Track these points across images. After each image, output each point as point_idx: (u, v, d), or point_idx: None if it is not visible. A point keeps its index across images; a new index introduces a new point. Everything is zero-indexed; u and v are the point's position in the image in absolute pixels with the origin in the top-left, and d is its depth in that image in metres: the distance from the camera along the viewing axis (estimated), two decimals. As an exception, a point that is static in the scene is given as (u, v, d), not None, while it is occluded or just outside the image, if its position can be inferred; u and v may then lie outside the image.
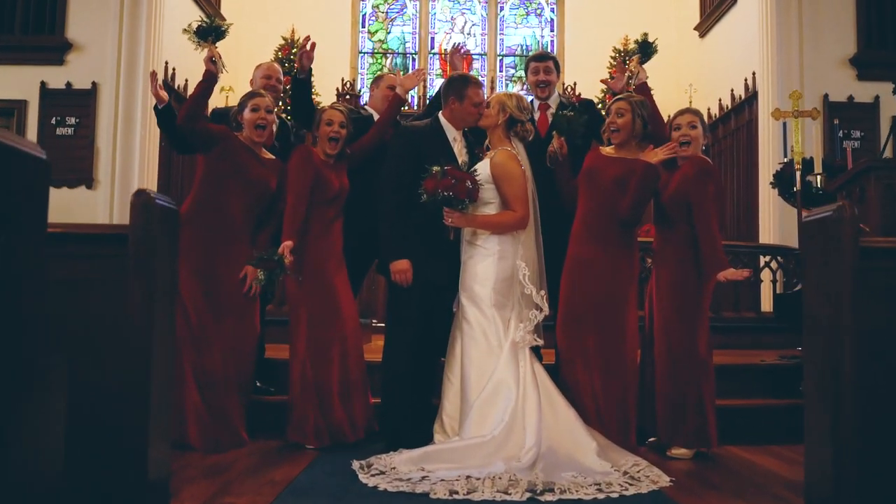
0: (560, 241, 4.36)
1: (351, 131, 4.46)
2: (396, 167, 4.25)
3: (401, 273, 4.17)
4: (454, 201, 3.97)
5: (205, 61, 4.33)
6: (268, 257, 4.04)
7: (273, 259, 4.03)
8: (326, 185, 4.32)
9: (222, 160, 4.27)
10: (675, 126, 4.24)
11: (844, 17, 8.75)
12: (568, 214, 4.40)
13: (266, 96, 4.43)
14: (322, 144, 4.40)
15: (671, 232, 4.20)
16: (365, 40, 12.50)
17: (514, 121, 4.23)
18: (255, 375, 4.64)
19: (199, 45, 4.37)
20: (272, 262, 4.03)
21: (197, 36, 4.37)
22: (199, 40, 4.37)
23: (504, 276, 4.09)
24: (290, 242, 4.12)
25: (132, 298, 2.05)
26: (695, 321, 4.10)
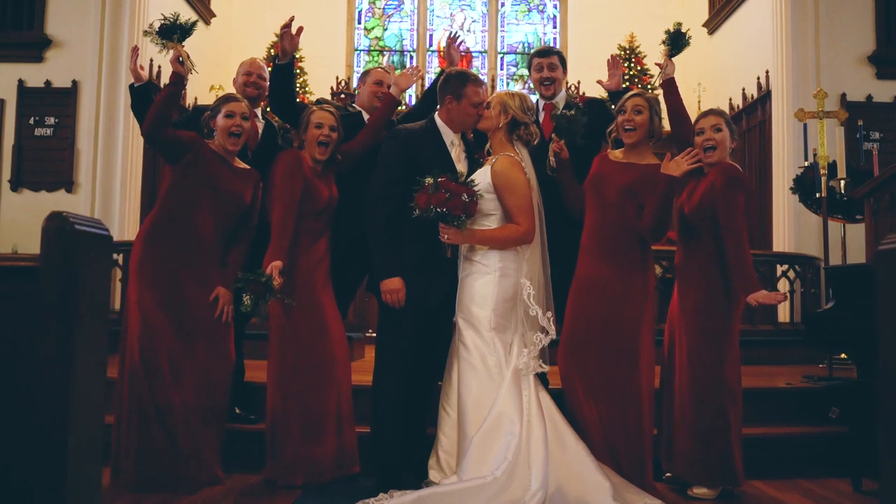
0: (569, 255, 3.96)
1: (342, 135, 4.06)
2: (388, 175, 3.83)
3: (392, 293, 3.76)
4: (449, 217, 3.57)
5: (171, 63, 3.90)
6: (254, 279, 3.62)
7: (260, 281, 3.61)
8: (315, 196, 3.92)
9: (191, 171, 3.84)
10: (698, 130, 3.83)
11: (862, 12, 8.37)
12: (578, 225, 4.00)
13: (242, 101, 4.01)
14: (310, 149, 3.99)
15: (696, 247, 3.79)
16: (361, 37, 12.10)
17: (518, 123, 3.82)
18: (233, 401, 4.23)
19: (164, 45, 3.92)
20: (259, 285, 3.61)
21: (160, 35, 3.92)
22: (162, 40, 3.92)
23: (506, 297, 3.69)
24: (280, 262, 3.71)
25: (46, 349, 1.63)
26: (723, 346, 3.69)
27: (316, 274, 3.89)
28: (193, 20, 4.07)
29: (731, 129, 3.82)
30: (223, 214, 3.88)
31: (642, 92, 3.98)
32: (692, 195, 3.79)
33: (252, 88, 4.61)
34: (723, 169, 3.72)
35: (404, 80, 4.34)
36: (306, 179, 3.89)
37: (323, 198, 3.93)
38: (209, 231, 3.84)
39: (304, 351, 3.84)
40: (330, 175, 4.05)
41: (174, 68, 3.88)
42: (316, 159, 3.97)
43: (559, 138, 4.00)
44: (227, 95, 4.07)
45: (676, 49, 4.12)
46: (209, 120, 3.96)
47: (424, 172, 3.63)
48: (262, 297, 3.60)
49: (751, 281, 3.58)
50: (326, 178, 4.01)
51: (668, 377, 3.88)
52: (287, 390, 3.82)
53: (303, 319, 3.84)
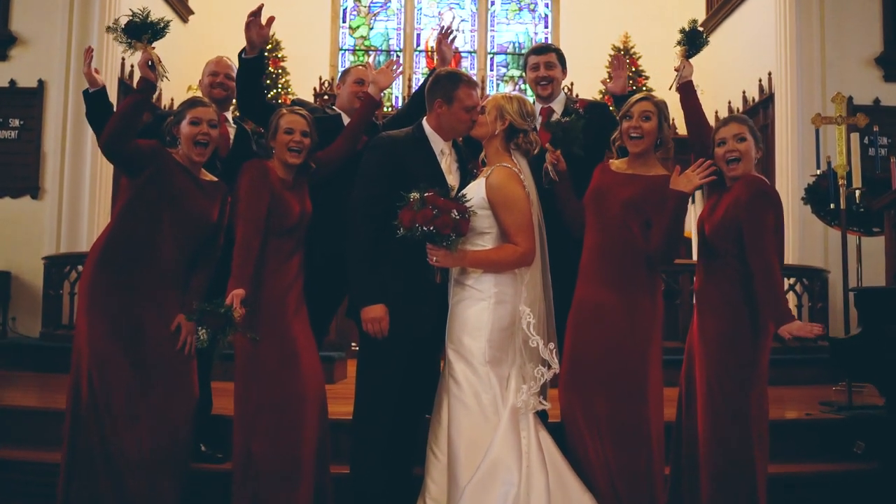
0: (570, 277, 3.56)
1: (316, 141, 3.63)
2: (369, 189, 3.40)
3: (374, 322, 3.33)
4: (437, 237, 3.15)
5: (139, 66, 3.42)
6: (211, 310, 3.18)
7: (218, 312, 3.17)
8: (284, 211, 3.48)
9: (151, 185, 3.39)
10: (720, 140, 3.42)
11: (869, 12, 8.03)
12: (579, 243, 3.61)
13: (210, 106, 3.56)
14: (280, 157, 3.56)
15: (718, 270, 3.38)
16: (346, 36, 11.67)
17: (516, 130, 3.41)
18: (199, 438, 3.81)
19: (131, 45, 3.45)
20: (217, 317, 3.16)
21: (126, 34, 3.45)
22: (129, 40, 3.45)
23: (502, 326, 3.29)
24: (241, 291, 3.27)
25: None
26: (749, 381, 3.28)
27: (287, 299, 3.46)
28: (167, 19, 3.57)
29: (755, 137, 3.42)
30: (187, 234, 3.44)
31: (650, 95, 3.59)
32: (713, 212, 3.39)
33: (219, 90, 4.19)
34: (748, 183, 3.32)
35: (383, 77, 3.88)
36: (274, 193, 3.46)
37: (294, 213, 3.51)
38: (170, 253, 3.40)
39: (270, 387, 3.40)
40: (303, 187, 3.63)
41: (142, 73, 3.42)
42: (287, 165, 3.54)
43: (555, 148, 3.60)
44: (193, 99, 3.61)
45: (694, 49, 3.73)
46: (172, 127, 3.50)
47: (411, 186, 3.22)
48: (220, 331, 3.16)
49: (782, 310, 3.18)
50: (298, 190, 3.59)
51: (688, 413, 3.47)
52: (252, 429, 3.39)
53: (270, 352, 3.40)
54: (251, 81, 3.93)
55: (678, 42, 3.73)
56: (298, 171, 3.60)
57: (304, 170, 3.63)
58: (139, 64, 3.42)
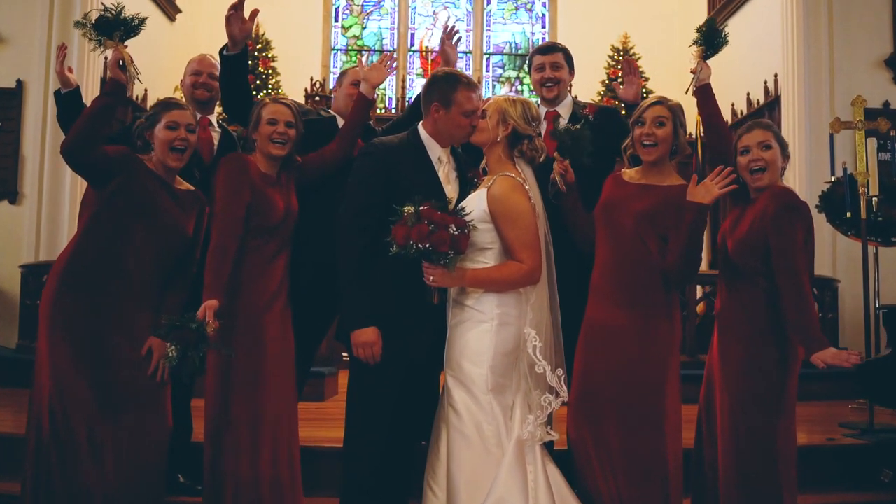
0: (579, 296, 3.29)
1: (301, 132, 3.36)
2: (360, 200, 3.11)
3: (366, 347, 3.05)
4: (433, 254, 2.87)
5: (109, 66, 3.13)
6: (181, 325, 2.89)
7: (189, 328, 2.88)
8: (267, 209, 3.22)
9: (120, 196, 3.09)
10: (743, 148, 3.14)
11: (878, 13, 7.75)
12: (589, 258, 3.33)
13: (187, 109, 3.27)
14: (263, 148, 3.29)
15: (742, 289, 3.10)
16: (338, 36, 11.37)
17: (520, 136, 3.13)
18: (177, 468, 3.53)
19: (101, 43, 3.15)
20: (187, 333, 2.88)
21: (97, 31, 3.14)
22: (99, 37, 3.14)
23: (505, 350, 3.01)
24: (215, 302, 3.00)
25: None
26: (776, 411, 3.01)
27: (267, 310, 3.19)
28: (143, 16, 3.26)
29: (782, 144, 3.15)
30: (160, 250, 3.14)
31: (664, 99, 3.31)
32: (736, 226, 3.12)
33: (202, 91, 3.91)
34: (775, 194, 3.05)
35: (375, 73, 3.60)
36: (255, 189, 3.19)
37: (277, 211, 3.23)
38: (142, 271, 3.10)
39: (247, 406, 3.15)
40: (289, 183, 3.36)
41: (112, 74, 3.12)
42: (271, 157, 3.28)
43: (563, 157, 3.32)
44: (168, 101, 3.30)
45: (712, 49, 3.45)
46: (144, 130, 3.20)
47: (405, 197, 2.94)
48: (191, 348, 2.87)
49: (815, 335, 2.90)
50: (283, 186, 3.32)
51: (708, 441, 3.20)
52: (221, 447, 3.15)
53: (249, 368, 3.14)
54: (235, 81, 3.65)
55: (694, 41, 3.46)
56: (283, 165, 3.34)
57: (289, 164, 3.37)
58: (109, 64, 3.14)
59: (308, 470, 3.55)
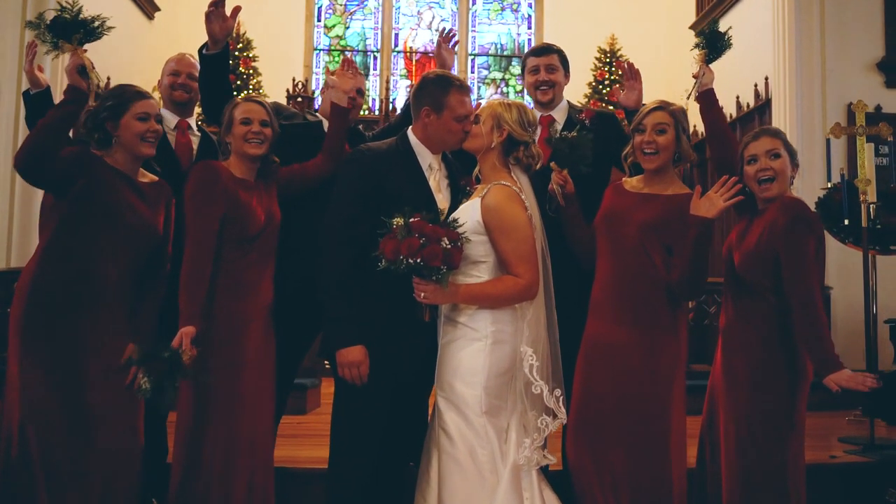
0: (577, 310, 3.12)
1: (277, 131, 3.17)
2: (346, 211, 2.92)
3: (352, 366, 2.86)
4: (425, 269, 2.69)
5: (67, 72, 2.87)
6: (154, 354, 2.68)
7: (162, 357, 2.68)
8: (245, 217, 3.01)
9: (83, 202, 2.87)
10: (749, 157, 2.99)
11: (871, 15, 7.62)
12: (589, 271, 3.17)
13: (152, 97, 3.05)
14: (239, 149, 3.10)
15: (749, 306, 2.94)
16: (321, 36, 11.16)
17: (516, 142, 2.95)
18: (151, 491, 3.32)
19: (58, 46, 2.92)
20: (160, 363, 2.68)
21: (52, 33, 2.90)
22: (55, 39, 2.91)
23: (500, 370, 2.83)
24: (192, 329, 2.80)
25: None
26: (784, 433, 2.85)
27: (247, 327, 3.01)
28: (104, 17, 3.03)
29: (791, 153, 2.99)
30: (130, 253, 2.93)
31: (665, 104, 3.14)
32: (743, 239, 2.96)
33: (181, 92, 3.71)
34: (785, 206, 2.89)
35: (342, 80, 3.40)
36: (230, 197, 2.99)
37: (257, 218, 3.03)
38: (113, 278, 2.89)
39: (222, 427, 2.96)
40: (269, 188, 3.16)
41: (71, 81, 2.86)
42: (248, 158, 3.08)
43: (561, 167, 3.15)
44: (132, 90, 3.02)
45: (715, 52, 3.30)
46: (105, 121, 2.93)
47: (394, 207, 2.76)
48: (166, 378, 2.66)
49: (828, 355, 2.75)
50: (263, 191, 3.12)
51: (711, 462, 3.04)
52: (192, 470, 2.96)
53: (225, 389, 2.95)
54: (215, 81, 3.44)
55: (696, 45, 3.31)
56: (261, 169, 3.14)
57: (267, 166, 3.17)
58: (67, 69, 2.88)
59: (289, 493, 3.38)
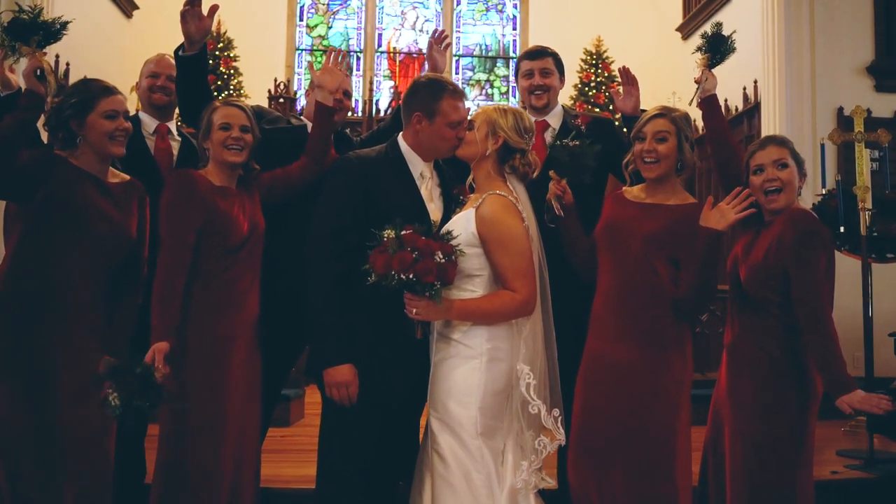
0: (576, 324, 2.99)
1: (258, 136, 3.02)
2: (333, 222, 2.78)
3: (340, 387, 2.72)
4: (418, 285, 2.54)
5: (24, 77, 2.74)
6: (124, 369, 2.51)
7: (133, 373, 2.51)
8: (226, 226, 2.85)
9: (49, 208, 2.71)
10: (756, 167, 2.87)
11: (861, 18, 7.54)
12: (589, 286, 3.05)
13: (119, 93, 2.87)
14: (217, 156, 2.93)
15: (756, 323, 2.82)
16: (303, 35, 10.97)
17: (512, 150, 2.81)
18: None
19: (15, 49, 2.76)
20: (131, 378, 2.50)
21: (9, 35, 2.75)
22: (12, 43, 2.75)
23: (496, 389, 2.69)
24: (164, 345, 2.64)
25: None
26: (795, 460, 2.73)
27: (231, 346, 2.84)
28: (65, 20, 2.87)
29: (798, 162, 2.87)
30: (101, 259, 2.77)
31: (666, 110, 3.01)
32: (750, 252, 2.83)
33: (160, 94, 3.56)
34: (794, 219, 2.77)
35: (328, 77, 3.22)
36: (208, 206, 2.82)
37: (239, 228, 2.87)
38: (84, 289, 2.73)
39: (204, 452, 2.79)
40: (252, 195, 3.00)
41: (29, 85, 2.72)
42: (227, 165, 2.92)
43: (560, 177, 3.02)
44: (97, 86, 2.84)
45: (719, 56, 3.20)
46: (69, 120, 2.76)
47: (384, 218, 2.61)
48: (136, 396, 2.47)
49: (840, 376, 2.63)
50: (245, 199, 2.96)
51: (715, 482, 2.92)
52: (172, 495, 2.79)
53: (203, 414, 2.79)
54: (193, 84, 3.26)
55: (699, 48, 3.19)
56: (243, 176, 2.99)
57: (248, 173, 3.01)
58: (25, 73, 2.73)
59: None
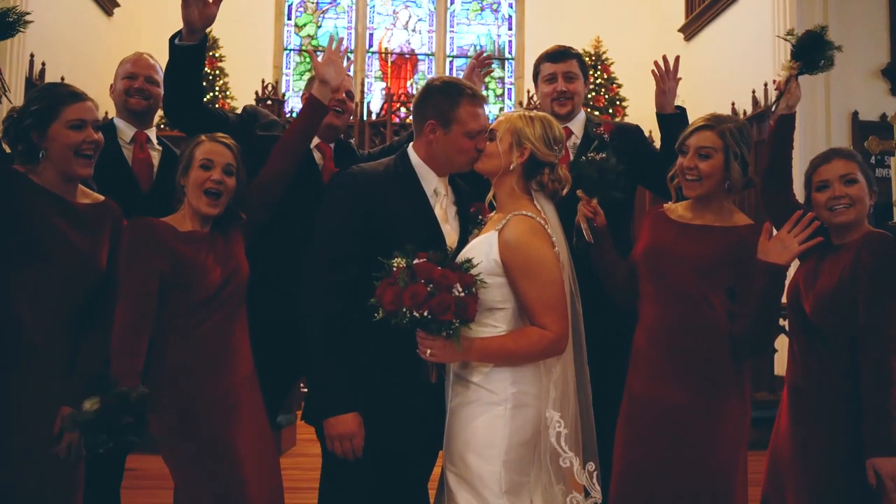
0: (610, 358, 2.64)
1: (244, 181, 2.62)
2: (336, 248, 2.40)
3: (343, 439, 2.34)
4: (433, 324, 2.17)
5: None
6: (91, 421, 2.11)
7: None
8: (194, 278, 2.44)
9: (5, 234, 2.32)
10: (820, 184, 2.52)
11: (875, 21, 7.33)
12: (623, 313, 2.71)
13: (89, 99, 2.48)
14: (193, 201, 2.52)
15: (827, 359, 2.47)
16: (291, 35, 10.61)
17: (540, 163, 2.44)
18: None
19: None
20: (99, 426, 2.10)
21: None
22: None
23: (522, 439, 2.32)
24: None
25: None
26: None
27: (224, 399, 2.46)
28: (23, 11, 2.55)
29: (867, 177, 2.53)
30: (66, 294, 2.39)
31: (716, 122, 2.58)
32: (817, 280, 2.48)
33: (138, 98, 3.18)
34: (874, 242, 2.42)
35: (332, 71, 2.80)
36: (170, 253, 2.42)
37: (211, 279, 2.46)
38: (46, 326, 2.35)
39: None
40: (231, 237, 2.59)
41: None
42: (201, 215, 2.52)
43: (589, 196, 2.67)
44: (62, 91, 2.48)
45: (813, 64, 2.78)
46: (30, 130, 2.39)
47: (392, 242, 2.25)
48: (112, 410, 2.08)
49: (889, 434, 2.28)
50: (219, 242, 2.54)
51: None
52: None
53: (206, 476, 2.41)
54: (186, 78, 2.84)
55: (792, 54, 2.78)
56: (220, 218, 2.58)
57: (229, 215, 2.60)
58: None
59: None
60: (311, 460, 2.54)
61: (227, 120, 3.01)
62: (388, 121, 9.60)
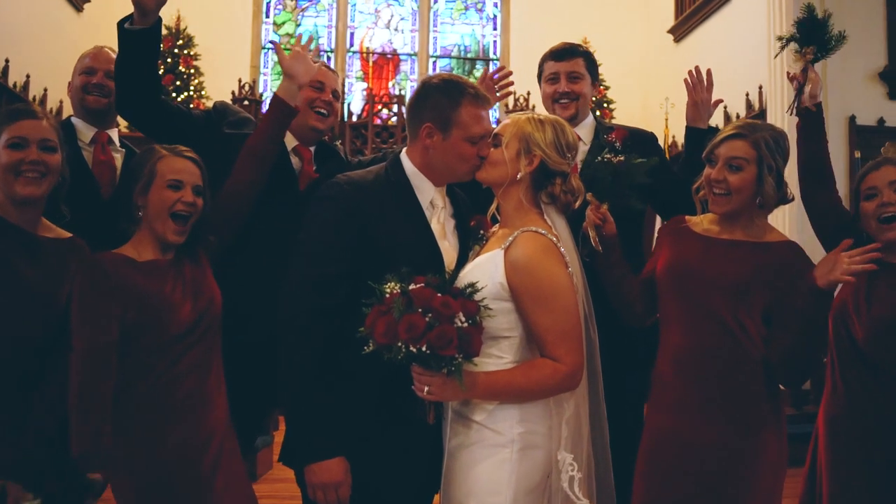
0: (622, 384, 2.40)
1: (209, 200, 2.31)
2: (320, 269, 2.10)
3: (328, 488, 2.05)
4: (432, 359, 1.88)
5: None
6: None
7: None
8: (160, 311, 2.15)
9: None
10: (868, 191, 2.28)
11: (873, 23, 7.12)
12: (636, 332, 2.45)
13: (41, 119, 2.19)
14: (155, 227, 2.22)
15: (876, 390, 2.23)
16: (269, 33, 10.26)
17: (551, 172, 2.17)
18: None
19: None
20: None
21: None
22: None
23: (531, 485, 2.05)
24: None
25: None
26: None
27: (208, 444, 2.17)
28: None
29: None
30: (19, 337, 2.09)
31: (749, 131, 2.31)
32: (870, 304, 2.24)
33: (97, 95, 2.90)
34: None
35: (300, 65, 2.53)
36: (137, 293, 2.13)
37: (180, 314, 2.17)
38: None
39: None
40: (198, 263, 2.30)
41: None
42: (165, 243, 2.24)
43: (599, 200, 2.40)
44: (11, 109, 2.21)
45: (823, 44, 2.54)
46: None
47: (384, 262, 1.97)
48: None
49: None
50: (185, 269, 2.25)
51: None
52: None
53: None
54: (140, 68, 2.53)
55: (791, 38, 2.54)
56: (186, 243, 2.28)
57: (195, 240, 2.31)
58: None
59: None
60: (289, 487, 2.27)
61: (189, 116, 2.71)
62: (370, 122, 9.30)
